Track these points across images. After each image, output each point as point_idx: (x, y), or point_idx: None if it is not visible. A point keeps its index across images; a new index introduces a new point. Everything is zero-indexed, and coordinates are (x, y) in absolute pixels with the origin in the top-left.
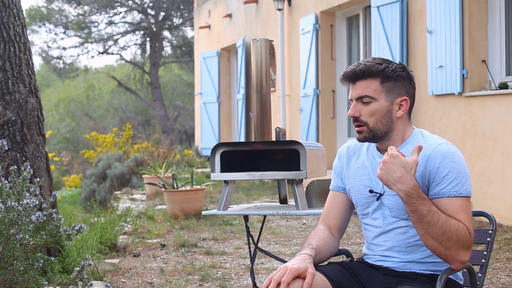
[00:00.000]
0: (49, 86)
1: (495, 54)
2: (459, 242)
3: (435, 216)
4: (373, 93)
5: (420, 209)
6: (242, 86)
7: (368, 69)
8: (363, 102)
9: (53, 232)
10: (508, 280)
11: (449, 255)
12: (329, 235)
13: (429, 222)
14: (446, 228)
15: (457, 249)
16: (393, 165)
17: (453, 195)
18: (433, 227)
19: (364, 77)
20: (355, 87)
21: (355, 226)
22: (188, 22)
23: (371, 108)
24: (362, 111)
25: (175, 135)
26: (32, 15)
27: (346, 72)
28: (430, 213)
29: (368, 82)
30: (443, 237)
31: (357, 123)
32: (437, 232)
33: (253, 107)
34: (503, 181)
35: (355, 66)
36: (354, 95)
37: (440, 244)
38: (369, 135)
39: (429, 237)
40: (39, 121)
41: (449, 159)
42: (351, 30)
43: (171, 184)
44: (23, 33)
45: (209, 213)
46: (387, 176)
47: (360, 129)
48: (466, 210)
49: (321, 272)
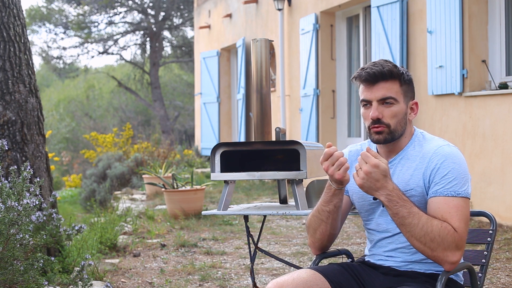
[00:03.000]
0: (49, 86)
1: (495, 54)
2: (443, 242)
3: (416, 217)
4: (395, 95)
5: (400, 211)
6: (242, 86)
7: (393, 70)
8: (385, 104)
9: (53, 232)
10: (508, 280)
11: (437, 257)
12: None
13: (410, 224)
14: (428, 229)
15: (443, 250)
16: (375, 174)
17: (450, 194)
18: (414, 228)
19: (387, 78)
20: (375, 88)
21: (355, 226)
22: (188, 22)
23: (394, 110)
24: (384, 112)
25: (175, 135)
26: (32, 15)
27: (371, 72)
28: (411, 214)
29: (390, 84)
30: (426, 239)
31: (378, 124)
32: (419, 233)
33: (253, 107)
34: (503, 181)
35: (378, 67)
36: (377, 96)
37: (425, 246)
38: (389, 136)
39: (413, 240)
40: (39, 121)
41: (450, 160)
42: (351, 30)
43: (171, 184)
44: (23, 33)
45: (209, 213)
46: (369, 185)
47: (381, 130)
48: (460, 211)
49: (320, 273)
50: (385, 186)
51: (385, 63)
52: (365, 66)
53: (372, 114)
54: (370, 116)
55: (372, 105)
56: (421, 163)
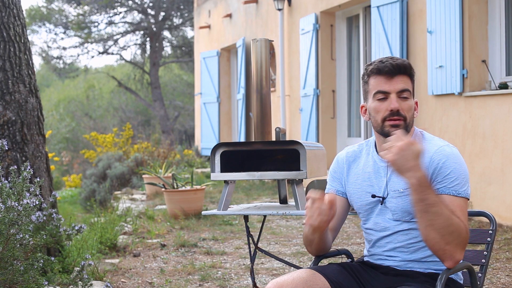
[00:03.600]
0: (49, 86)
1: (495, 54)
2: (459, 238)
3: (441, 207)
4: (410, 89)
5: (429, 198)
6: (242, 86)
7: (410, 65)
8: (402, 97)
9: (53, 232)
10: (508, 280)
11: (448, 251)
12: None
13: (436, 213)
14: (450, 221)
15: (456, 245)
16: (409, 153)
17: (453, 193)
18: (438, 218)
19: (405, 72)
20: (395, 80)
21: (355, 226)
22: (188, 22)
23: (410, 104)
24: (402, 105)
25: (175, 135)
26: (32, 15)
27: (394, 64)
28: (438, 204)
29: (406, 78)
30: (446, 230)
31: (397, 116)
32: (442, 224)
33: (253, 107)
34: (503, 181)
35: (400, 60)
36: (396, 88)
37: (442, 238)
38: (405, 130)
39: (431, 229)
40: (39, 121)
41: (451, 160)
42: (351, 30)
43: (171, 184)
44: (23, 33)
45: (209, 213)
46: (402, 162)
47: (399, 123)
48: (463, 211)
49: (320, 273)
50: (417, 168)
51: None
52: (380, 59)
53: (393, 105)
54: (391, 107)
55: (391, 97)
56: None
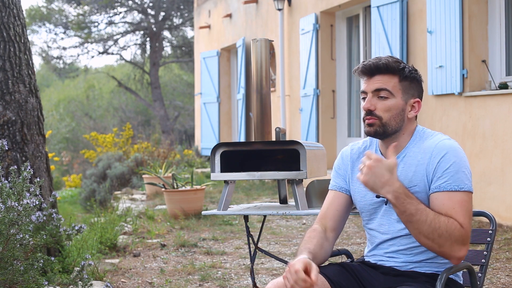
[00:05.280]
0: (49, 86)
1: (495, 54)
2: (450, 238)
3: (423, 214)
4: (392, 88)
5: (408, 208)
6: (242, 86)
7: (389, 64)
8: (379, 97)
9: (53, 232)
10: (508, 280)
11: (444, 252)
12: (325, 238)
13: (419, 221)
14: (436, 225)
15: (450, 245)
16: (379, 169)
17: (454, 189)
18: (423, 225)
19: (384, 71)
20: (372, 80)
21: (355, 226)
22: (188, 22)
23: (388, 104)
24: (377, 105)
25: (175, 135)
26: (32, 15)
27: (367, 64)
28: (419, 211)
29: (387, 78)
30: (434, 235)
31: (370, 116)
32: (427, 230)
33: (253, 107)
34: (503, 181)
35: (376, 60)
36: (371, 88)
37: (433, 242)
38: (380, 129)
39: (421, 236)
40: (39, 121)
41: (451, 154)
42: (351, 30)
43: (171, 184)
44: (23, 33)
45: (209, 213)
46: (374, 180)
47: (372, 122)
48: (464, 206)
49: (321, 273)
50: (390, 183)
51: (387, 57)
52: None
53: (364, 105)
54: (362, 107)
55: (367, 96)
56: (422, 158)
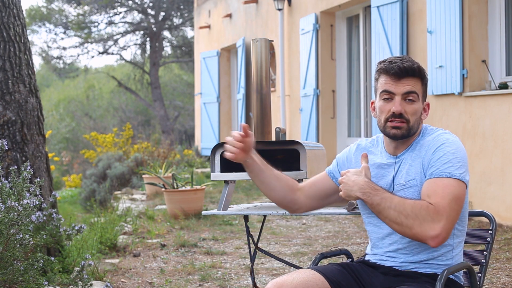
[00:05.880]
0: (49, 86)
1: (495, 54)
2: (418, 217)
3: (387, 201)
4: (418, 92)
5: (375, 200)
6: (242, 86)
7: (420, 68)
8: (407, 100)
9: (53, 232)
10: (508, 280)
11: (417, 234)
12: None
13: (384, 208)
14: (400, 208)
15: (420, 224)
16: (347, 178)
17: (444, 175)
18: (388, 211)
19: (414, 75)
20: (401, 82)
21: (355, 226)
22: (188, 22)
23: (415, 107)
24: (406, 108)
25: (175, 135)
26: (32, 15)
27: (402, 66)
28: (383, 200)
29: (415, 81)
30: (401, 218)
31: (400, 118)
32: (393, 215)
33: (253, 107)
34: (503, 181)
35: (410, 62)
36: (402, 90)
37: (402, 226)
38: (406, 132)
39: (392, 223)
40: (39, 121)
41: (446, 145)
42: (351, 30)
43: (171, 184)
44: (23, 33)
45: (209, 213)
46: (346, 188)
47: (401, 125)
48: (447, 189)
49: (320, 272)
50: (357, 183)
51: (411, 59)
52: (391, 59)
53: (396, 108)
54: (394, 110)
55: (395, 99)
56: (420, 152)
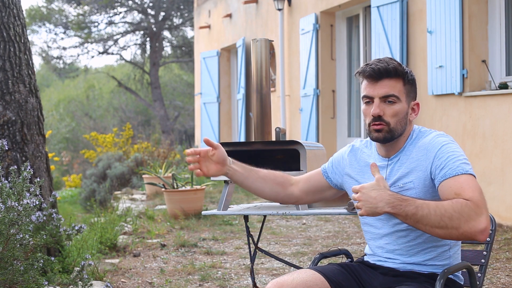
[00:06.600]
0: (49, 86)
1: (495, 54)
2: (462, 216)
3: (424, 208)
4: (398, 93)
5: (409, 210)
6: (242, 86)
7: (398, 68)
8: (387, 102)
9: (53, 232)
10: (508, 280)
11: (466, 233)
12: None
13: (424, 216)
14: (441, 210)
15: (465, 222)
16: (365, 195)
17: (459, 173)
18: (429, 218)
19: (391, 76)
20: (379, 85)
21: (355, 226)
22: (188, 22)
23: (396, 109)
24: (385, 110)
25: (175, 135)
26: (32, 15)
27: (375, 68)
28: (419, 207)
29: (394, 82)
30: (445, 221)
31: (379, 121)
32: (436, 219)
33: (253, 107)
34: (503, 181)
35: (383, 63)
36: (379, 93)
37: (448, 229)
38: (388, 135)
39: (435, 229)
40: (39, 121)
41: (448, 146)
42: (351, 30)
43: (171, 184)
44: (23, 33)
45: (209, 213)
46: (369, 206)
47: (381, 128)
48: (471, 183)
49: (320, 272)
50: (381, 198)
51: (390, 60)
52: (370, 62)
53: (374, 111)
54: (371, 113)
55: (374, 102)
56: (417, 155)
